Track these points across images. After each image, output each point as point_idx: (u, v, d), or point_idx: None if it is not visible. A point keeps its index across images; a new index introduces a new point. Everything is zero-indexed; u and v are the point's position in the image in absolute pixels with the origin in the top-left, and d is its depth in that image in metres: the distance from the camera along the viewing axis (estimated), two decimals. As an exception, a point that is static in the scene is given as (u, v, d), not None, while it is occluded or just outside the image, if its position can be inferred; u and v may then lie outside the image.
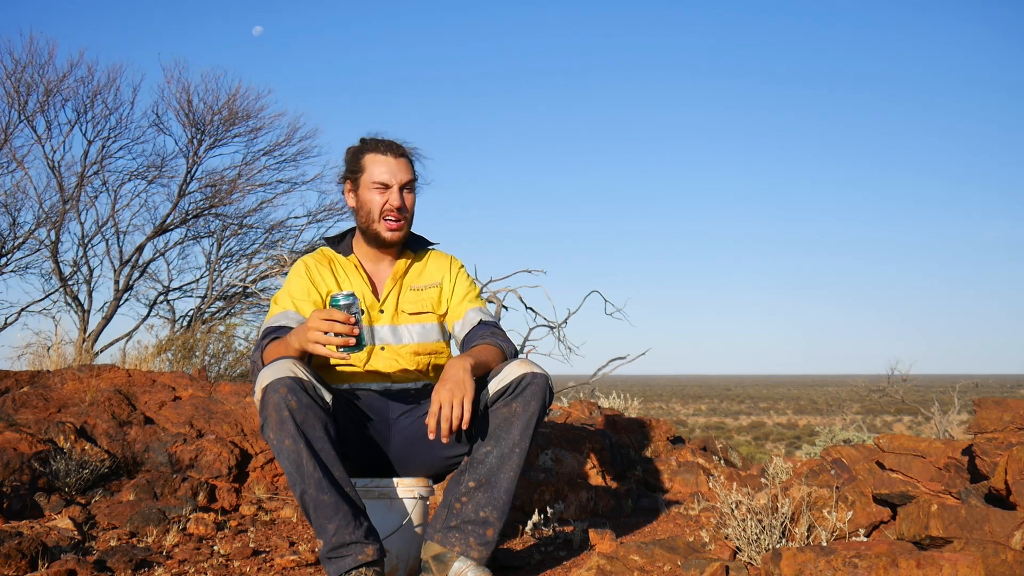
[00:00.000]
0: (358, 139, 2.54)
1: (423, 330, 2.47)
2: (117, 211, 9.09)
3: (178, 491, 3.38)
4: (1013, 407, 2.74)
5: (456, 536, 2.19)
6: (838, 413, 13.25)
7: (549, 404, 2.26)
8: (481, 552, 2.17)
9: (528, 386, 2.21)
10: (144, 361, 6.34)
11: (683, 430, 6.66)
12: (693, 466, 4.04)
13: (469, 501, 2.19)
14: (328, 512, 2.05)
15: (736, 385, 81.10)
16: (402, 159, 2.46)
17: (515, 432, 2.19)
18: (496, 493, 2.19)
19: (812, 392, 54.90)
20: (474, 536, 2.18)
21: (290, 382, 2.06)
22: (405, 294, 2.49)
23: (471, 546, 2.17)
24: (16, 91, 8.68)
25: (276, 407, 2.04)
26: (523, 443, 2.19)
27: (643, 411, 6.12)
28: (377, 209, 2.42)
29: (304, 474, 2.04)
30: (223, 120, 9.37)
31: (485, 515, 2.18)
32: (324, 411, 2.11)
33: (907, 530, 2.31)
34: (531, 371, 2.24)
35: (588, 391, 7.18)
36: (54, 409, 4.07)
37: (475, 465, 2.22)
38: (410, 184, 2.46)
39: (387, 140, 2.49)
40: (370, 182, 2.43)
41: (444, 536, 2.20)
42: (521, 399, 2.20)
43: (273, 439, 2.07)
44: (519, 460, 2.20)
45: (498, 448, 2.19)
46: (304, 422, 2.05)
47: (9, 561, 2.37)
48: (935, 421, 6.04)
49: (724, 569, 2.26)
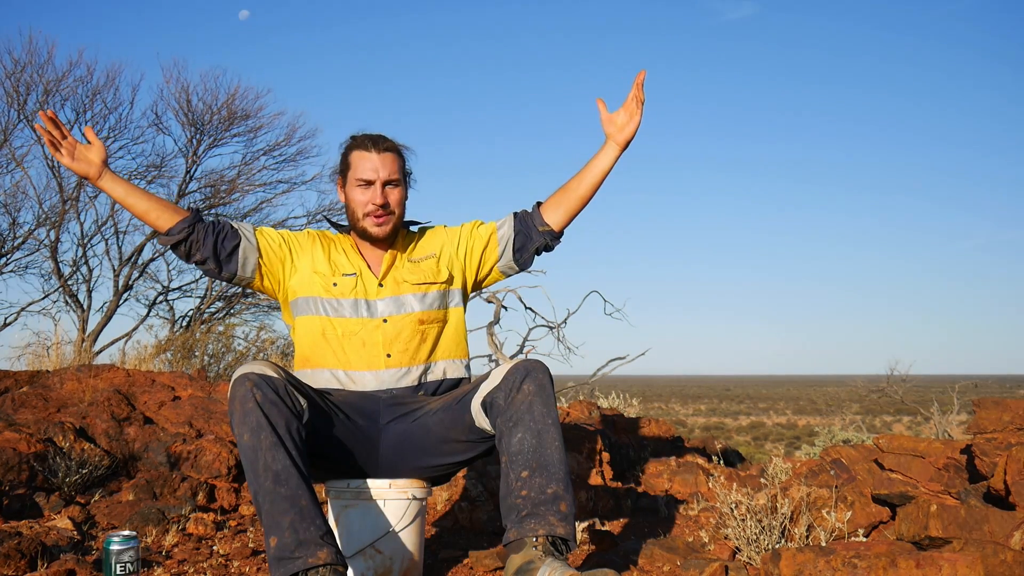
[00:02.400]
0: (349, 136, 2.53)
1: (425, 298, 2.44)
2: (117, 211, 9.09)
3: (177, 491, 3.38)
4: (1012, 407, 2.74)
5: (532, 523, 2.03)
6: (837, 413, 13.26)
7: (552, 379, 2.21)
8: (565, 528, 2.03)
9: (529, 369, 2.18)
10: (143, 361, 6.34)
11: (682, 430, 6.65)
12: (692, 466, 4.04)
13: (530, 490, 2.07)
14: (280, 511, 1.94)
15: (735, 385, 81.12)
16: (387, 154, 2.43)
17: (538, 408, 2.13)
18: (551, 469, 2.08)
19: (811, 392, 54.92)
20: (552, 514, 2.04)
21: (257, 378, 2.04)
22: (404, 266, 2.47)
23: (553, 524, 2.02)
24: (15, 91, 8.69)
25: (241, 400, 2.01)
26: (552, 414, 2.13)
27: (642, 411, 6.12)
28: (361, 207, 2.41)
29: (257, 470, 1.97)
30: (222, 120, 9.39)
31: (553, 490, 2.06)
32: (292, 412, 2.05)
33: (906, 530, 2.31)
34: (520, 360, 2.23)
35: (588, 391, 7.18)
36: (53, 409, 4.07)
37: (515, 457, 2.11)
38: (395, 180, 2.43)
39: (373, 135, 2.47)
40: (355, 179, 2.42)
41: (520, 528, 2.04)
42: (529, 378, 2.15)
43: (236, 434, 2.03)
44: (556, 432, 2.12)
45: (530, 430, 2.11)
46: (267, 415, 2.00)
47: (8, 561, 2.37)
48: (934, 421, 6.05)
49: (723, 569, 2.26)
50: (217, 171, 9.67)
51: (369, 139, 2.45)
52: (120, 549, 2.07)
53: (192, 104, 9.23)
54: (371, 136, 2.46)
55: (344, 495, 2.33)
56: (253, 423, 1.99)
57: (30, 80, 8.74)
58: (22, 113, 8.74)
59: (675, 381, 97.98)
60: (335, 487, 2.35)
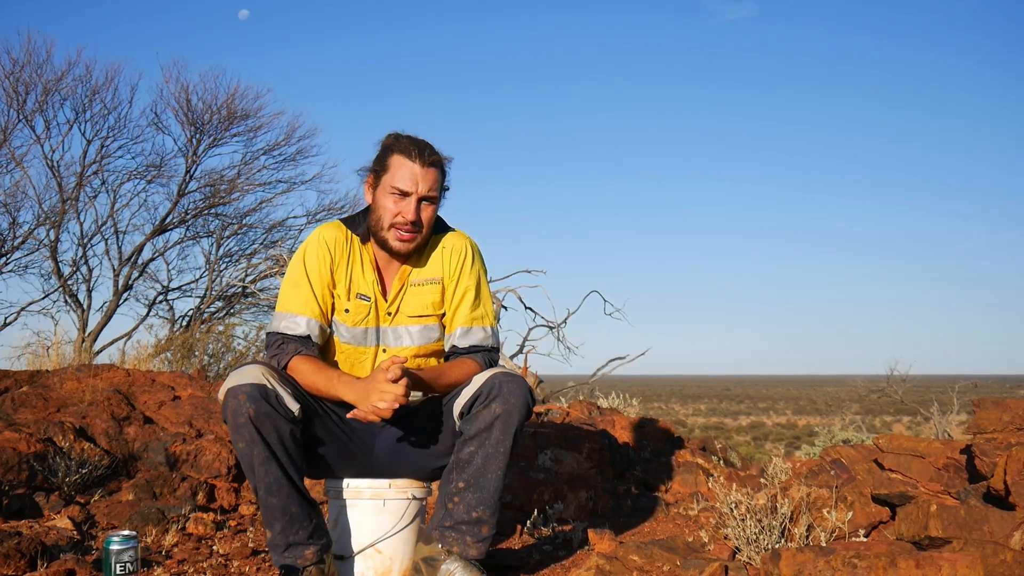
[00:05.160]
0: (390, 133, 2.36)
1: (423, 331, 2.38)
2: (116, 211, 9.10)
3: (177, 491, 3.38)
4: (1012, 407, 2.74)
5: (453, 536, 2.23)
6: (837, 413, 13.25)
7: (532, 404, 2.22)
8: (479, 549, 2.23)
9: (504, 386, 2.17)
10: (143, 361, 6.35)
11: (682, 430, 6.65)
12: (692, 466, 4.04)
13: (461, 502, 2.21)
14: (275, 513, 2.12)
15: (735, 385, 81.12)
16: (430, 169, 2.27)
17: (496, 432, 2.17)
18: (486, 493, 2.20)
19: (811, 392, 54.92)
20: (470, 535, 2.22)
21: (250, 389, 2.07)
22: (408, 291, 2.36)
23: (468, 544, 2.22)
24: (15, 91, 8.68)
25: (233, 412, 2.07)
26: (506, 442, 2.18)
27: (642, 411, 6.12)
28: (389, 217, 2.27)
29: (256, 476, 2.10)
30: (222, 119, 9.38)
31: (478, 515, 2.21)
32: (285, 419, 2.10)
33: (906, 530, 2.31)
34: (503, 373, 2.21)
35: (587, 391, 7.18)
36: (53, 409, 4.06)
37: (462, 465, 2.22)
38: (432, 197, 2.29)
39: (419, 142, 2.30)
40: (390, 185, 2.26)
41: (441, 535, 2.23)
42: (500, 399, 2.16)
43: (231, 439, 2.13)
44: (504, 459, 2.19)
45: (483, 449, 2.18)
46: (259, 429, 2.07)
47: (8, 561, 2.36)
48: (934, 421, 6.05)
49: (723, 569, 2.26)
50: (217, 171, 9.67)
51: (415, 146, 2.29)
52: (120, 549, 2.07)
53: (192, 103, 9.22)
54: (417, 143, 2.30)
55: (344, 495, 2.33)
56: (246, 437, 2.08)
57: (29, 80, 8.74)
58: (21, 113, 8.74)
59: (675, 381, 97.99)
60: (335, 487, 2.36)
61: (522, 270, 6.68)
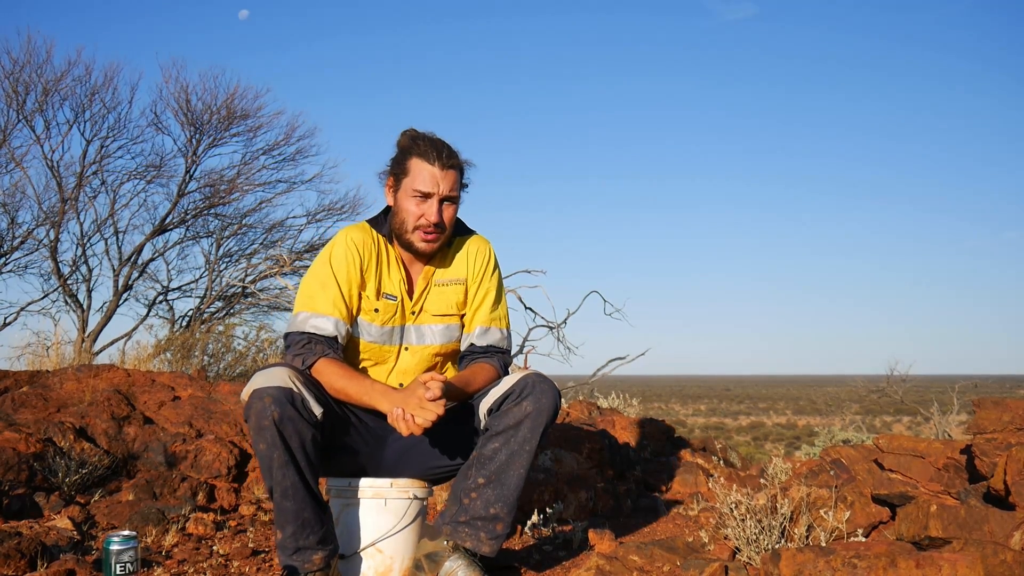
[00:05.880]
0: (406, 132, 2.38)
1: (446, 330, 2.43)
2: (116, 211, 9.10)
3: (177, 491, 3.38)
4: (1012, 407, 2.74)
5: (466, 531, 2.22)
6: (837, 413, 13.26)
7: (558, 408, 2.25)
8: (492, 546, 2.22)
9: (536, 386, 2.22)
10: (143, 361, 6.35)
11: (682, 430, 6.66)
12: (692, 466, 4.04)
13: (479, 497, 2.21)
14: (288, 517, 2.13)
15: (735, 385, 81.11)
16: (450, 171, 2.31)
17: (524, 429, 2.19)
18: (506, 490, 2.20)
19: (811, 392, 54.90)
20: (485, 531, 2.21)
21: (276, 392, 2.08)
22: (432, 291, 2.42)
23: (482, 540, 2.21)
24: (14, 91, 8.68)
25: (258, 414, 2.07)
26: (533, 441, 2.19)
27: (642, 411, 6.12)
28: (412, 219, 2.31)
29: (273, 479, 2.11)
30: (222, 119, 9.37)
31: (495, 511, 2.20)
32: (308, 423, 2.11)
33: (906, 530, 2.31)
34: (535, 374, 2.26)
35: (587, 391, 7.18)
36: (53, 409, 4.06)
37: (484, 461, 2.22)
38: (453, 197, 2.33)
39: (437, 143, 2.33)
40: (411, 188, 2.30)
41: (454, 530, 2.23)
42: (532, 398, 2.19)
43: (252, 439, 2.13)
44: (528, 458, 2.20)
45: (508, 446, 2.19)
46: (282, 433, 2.07)
47: (8, 561, 2.36)
48: (934, 421, 6.05)
49: (723, 569, 2.26)
50: (217, 171, 9.67)
51: (433, 149, 2.32)
52: (120, 549, 2.07)
53: (191, 103, 9.22)
54: (435, 144, 2.33)
55: (345, 494, 2.34)
56: (268, 439, 2.08)
57: (29, 80, 8.73)
58: (21, 113, 8.74)
59: (675, 381, 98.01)
60: (337, 486, 2.36)
61: (522, 270, 6.68)
